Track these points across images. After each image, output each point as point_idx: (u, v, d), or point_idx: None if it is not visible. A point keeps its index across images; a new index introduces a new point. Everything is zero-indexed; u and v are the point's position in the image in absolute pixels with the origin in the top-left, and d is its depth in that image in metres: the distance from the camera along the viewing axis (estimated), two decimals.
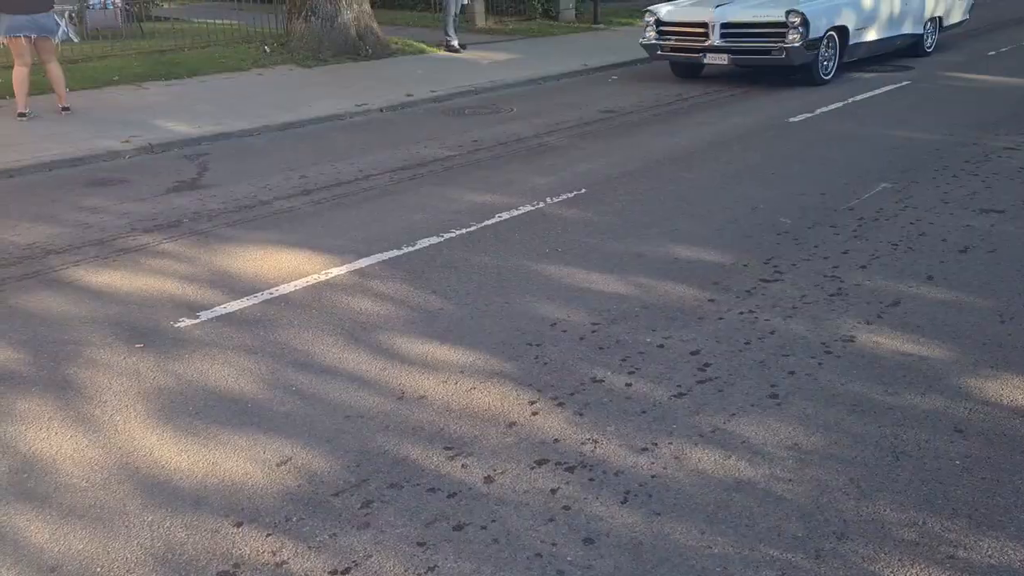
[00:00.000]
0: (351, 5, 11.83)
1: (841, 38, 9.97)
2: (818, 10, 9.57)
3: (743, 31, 9.68)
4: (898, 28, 10.95)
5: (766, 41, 9.54)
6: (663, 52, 10.29)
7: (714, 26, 9.71)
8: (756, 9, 9.77)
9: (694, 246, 4.95)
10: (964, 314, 3.98)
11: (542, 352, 3.74)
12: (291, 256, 4.90)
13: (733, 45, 9.70)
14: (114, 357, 3.75)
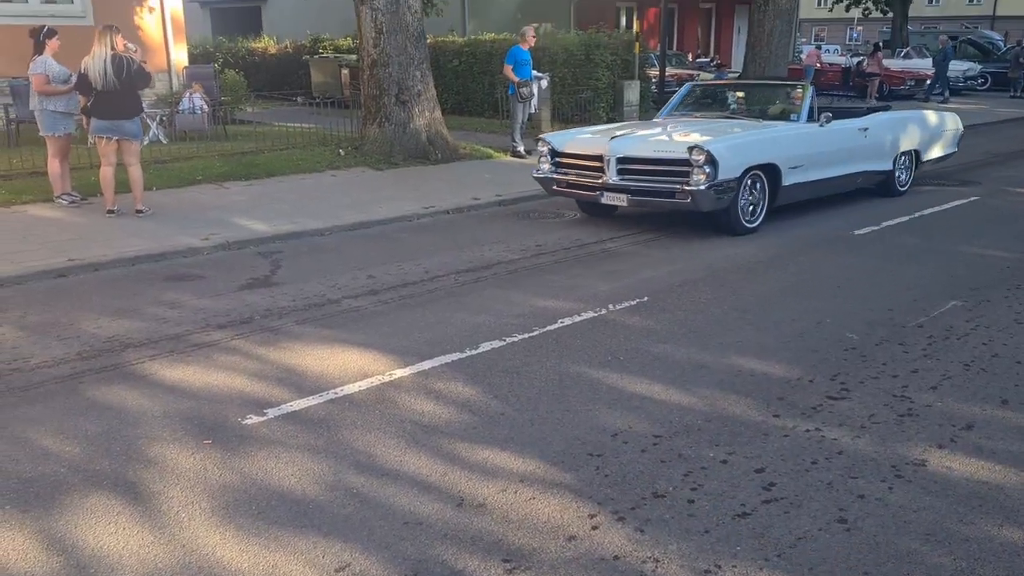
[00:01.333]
0: (423, 112, 12.32)
1: (770, 178, 8.18)
2: (732, 146, 7.88)
3: (643, 168, 7.97)
4: (856, 164, 9.20)
5: (668, 181, 7.78)
6: (559, 188, 8.69)
7: (610, 160, 8.04)
8: (659, 142, 8.25)
9: (758, 359, 4.91)
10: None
11: (603, 463, 3.71)
12: (357, 356, 5.00)
13: (632, 184, 7.96)
14: (183, 452, 3.84)
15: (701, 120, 9.28)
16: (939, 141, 10.61)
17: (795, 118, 8.76)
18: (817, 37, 58.42)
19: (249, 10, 28.58)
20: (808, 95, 8.94)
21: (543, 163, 8.80)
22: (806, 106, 8.79)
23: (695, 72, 22.57)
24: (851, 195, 10.04)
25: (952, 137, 10.89)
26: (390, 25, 11.83)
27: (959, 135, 10.99)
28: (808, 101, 8.85)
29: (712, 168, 7.54)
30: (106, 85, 8.11)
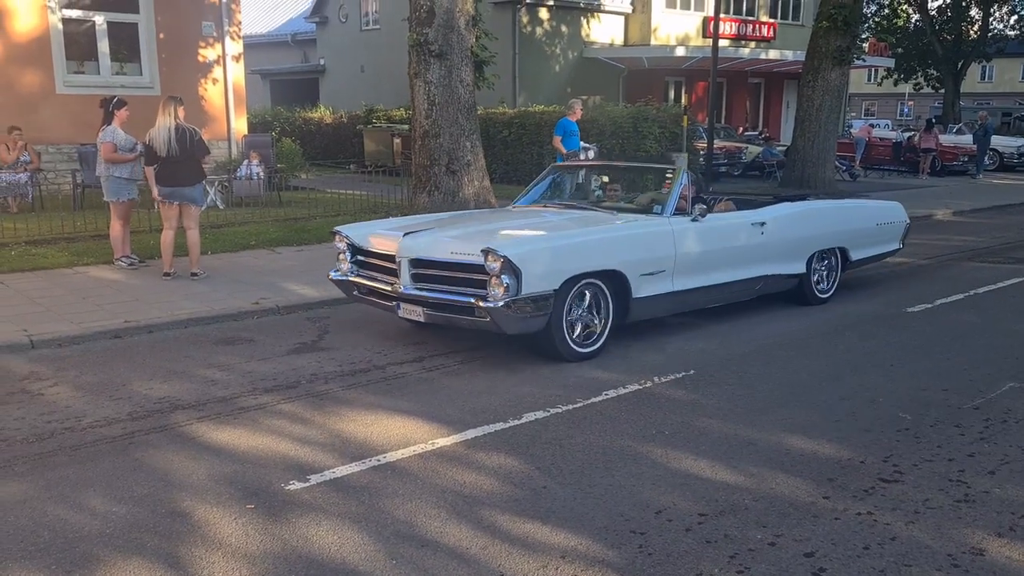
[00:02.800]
0: (472, 181, 12.54)
1: (616, 289, 6.44)
2: (541, 250, 6.07)
3: (439, 273, 6.24)
4: (752, 267, 7.45)
5: (466, 293, 6.02)
6: (360, 294, 6.88)
7: (402, 262, 6.32)
8: (457, 240, 6.33)
9: (808, 437, 4.80)
10: None
11: (646, 542, 3.64)
12: (400, 423, 5.01)
13: (428, 294, 6.21)
14: (226, 517, 3.86)
15: (546, 212, 7.49)
16: (875, 236, 8.83)
17: (659, 210, 6.97)
18: (867, 112, 58.46)
19: (307, 81, 29.62)
20: (679, 182, 7.07)
21: (341, 262, 6.98)
22: (673, 196, 6.98)
23: (743, 145, 22.66)
24: (904, 270, 9.89)
25: (893, 231, 9.07)
26: (442, 97, 12.15)
27: (904, 229, 9.19)
28: (677, 189, 7.02)
29: (513, 279, 5.78)
30: (170, 153, 8.44)
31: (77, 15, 14.30)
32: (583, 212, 7.33)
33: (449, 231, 6.69)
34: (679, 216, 6.94)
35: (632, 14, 25.01)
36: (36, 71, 13.88)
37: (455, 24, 12.03)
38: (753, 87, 29.12)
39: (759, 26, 27.17)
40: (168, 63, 14.93)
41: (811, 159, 18.41)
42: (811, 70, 18.28)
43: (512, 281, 5.80)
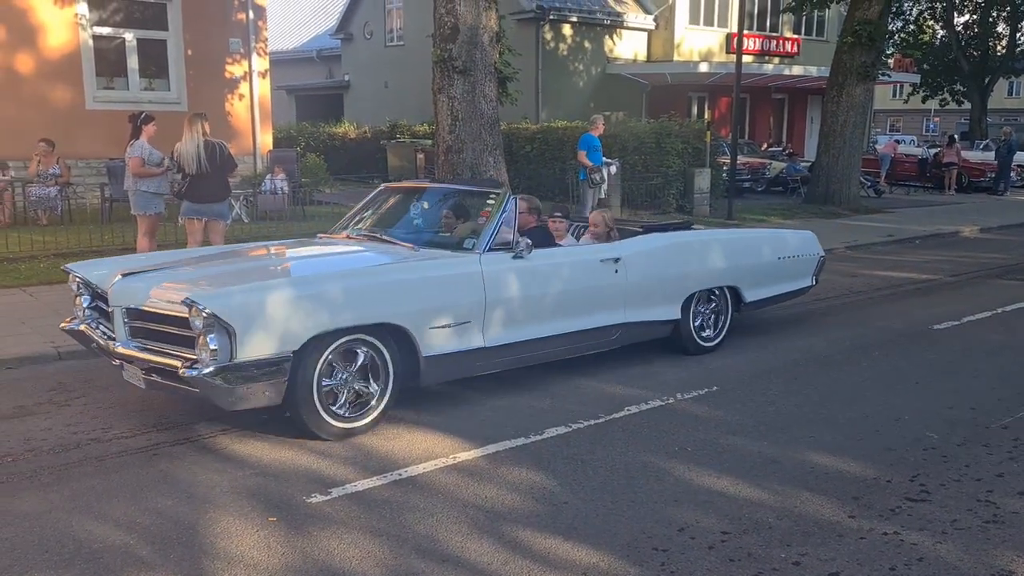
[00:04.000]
0: None
1: (399, 347, 5.14)
2: (269, 300, 4.72)
3: (154, 328, 4.96)
4: (605, 313, 6.21)
5: (177, 354, 4.76)
6: (98, 349, 5.43)
7: (115, 312, 5.13)
8: (174, 286, 5.04)
9: (832, 455, 4.75)
10: None
11: (668, 559, 3.61)
12: (422, 437, 5.02)
13: (142, 353, 4.95)
14: (248, 529, 3.88)
15: (339, 244, 6.21)
16: (776, 273, 7.52)
17: (470, 245, 5.66)
18: (892, 128, 58.05)
19: (332, 97, 29.89)
20: (501, 209, 5.76)
21: (77, 307, 5.66)
22: (490, 228, 5.67)
23: (767, 161, 22.56)
24: (930, 287, 9.76)
25: (802, 266, 7.76)
26: (466, 113, 12.21)
27: (817, 263, 7.88)
28: (497, 219, 5.71)
29: (224, 338, 4.50)
30: (200, 169, 8.52)
31: (107, 32, 14.55)
32: (380, 246, 5.99)
33: (182, 271, 5.45)
34: (498, 252, 5.61)
35: (655, 30, 25.05)
36: (67, 87, 14.13)
37: (479, 40, 12.10)
38: (777, 103, 29.01)
39: (783, 42, 27.10)
40: (195, 79, 15.14)
41: (836, 175, 18.30)
42: (835, 86, 18.21)
43: (223, 342, 4.48)
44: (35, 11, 13.71)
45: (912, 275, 10.82)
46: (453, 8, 11.92)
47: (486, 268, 5.51)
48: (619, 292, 6.29)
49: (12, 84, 13.68)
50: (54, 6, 13.79)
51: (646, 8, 24.94)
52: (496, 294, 5.52)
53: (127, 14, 14.69)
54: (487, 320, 5.49)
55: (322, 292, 4.93)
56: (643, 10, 24.93)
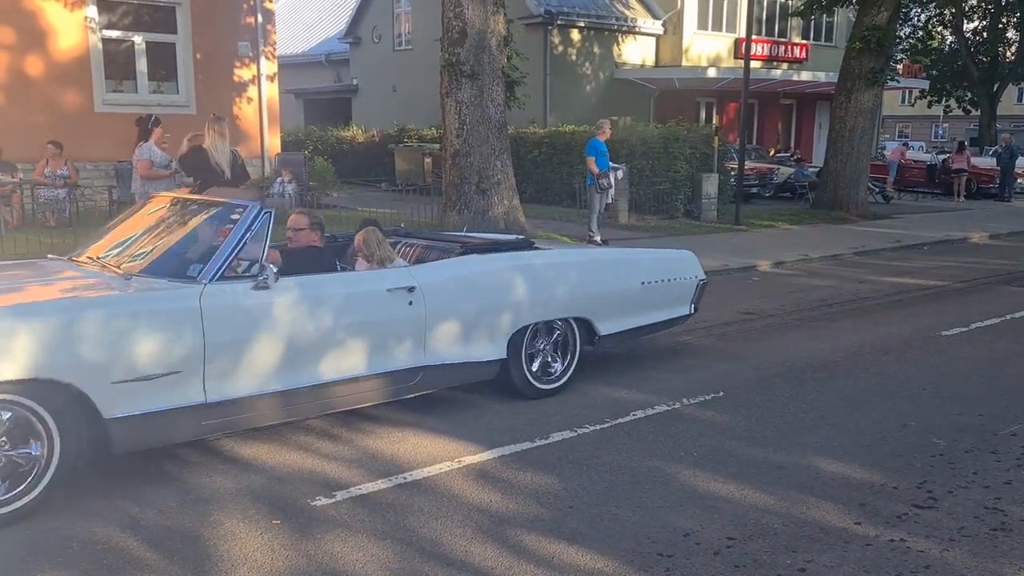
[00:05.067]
0: (502, 200, 12.59)
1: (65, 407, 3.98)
2: None
3: None
4: (393, 355, 5.08)
5: None
6: None
7: None
8: None
9: (839, 461, 4.73)
10: None
11: (673, 565, 3.60)
12: (428, 441, 5.01)
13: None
14: (252, 531, 3.87)
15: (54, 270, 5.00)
16: (641, 301, 6.38)
17: (195, 272, 4.49)
18: (901, 134, 57.89)
19: (340, 101, 29.96)
20: (243, 227, 4.62)
21: None
22: (224, 251, 4.54)
23: (774, 166, 22.52)
24: (939, 293, 9.71)
25: (676, 292, 6.68)
26: (473, 117, 12.23)
27: (696, 288, 6.81)
28: (235, 240, 4.58)
29: None
30: (224, 173, 8.53)
31: (117, 35, 14.60)
32: (90, 275, 4.78)
33: None
34: (233, 282, 4.49)
35: (664, 35, 25.05)
36: (76, 90, 14.18)
37: (487, 44, 12.12)
38: (785, 108, 28.97)
39: (791, 47, 27.06)
40: (204, 82, 15.18)
41: (844, 181, 18.27)
42: (844, 91, 18.18)
43: None
44: (44, 14, 13.77)
45: (920, 281, 10.78)
46: (461, 12, 11.95)
47: (209, 302, 4.32)
48: (414, 328, 5.11)
49: (21, 87, 13.74)
50: (64, 9, 13.84)
51: (654, 13, 24.95)
52: (223, 335, 4.34)
53: (136, 17, 14.75)
54: (209, 369, 4.30)
55: None
56: (651, 15, 24.93)
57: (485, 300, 5.50)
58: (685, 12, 24.57)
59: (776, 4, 26.07)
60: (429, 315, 5.18)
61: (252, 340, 4.49)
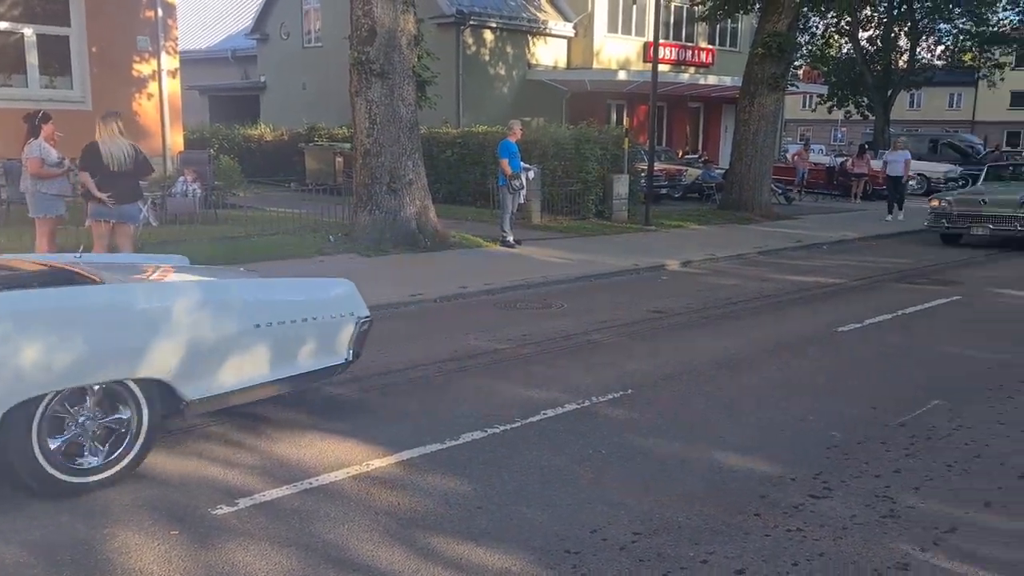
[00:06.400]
0: (414, 201, 12.49)
1: None
2: None
3: None
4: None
5: None
6: None
7: None
8: None
9: (740, 455, 4.86)
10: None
11: (580, 561, 3.63)
12: (334, 445, 4.93)
13: None
14: (148, 543, 3.73)
15: None
16: (262, 349, 4.84)
17: None
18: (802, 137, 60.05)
19: (247, 98, 29.24)
20: None
21: None
22: None
23: (683, 168, 23.05)
24: (836, 291, 10.10)
25: (316, 335, 5.13)
26: (384, 116, 12.11)
27: (355, 329, 5.32)
28: None
29: None
30: (120, 168, 8.22)
31: (5, 26, 13.90)
32: None
33: None
34: None
35: (575, 38, 25.33)
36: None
37: (397, 43, 12.02)
38: (693, 111, 29.68)
39: (698, 52, 27.75)
40: (101, 77, 14.58)
41: (748, 182, 18.83)
42: (747, 95, 18.74)
43: None
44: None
45: (819, 279, 11.20)
46: (370, 10, 11.82)
47: None
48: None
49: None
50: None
51: (566, 15, 25.21)
52: None
53: (27, 8, 14.06)
54: None
55: None
56: (563, 17, 25.18)
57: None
58: (595, 15, 24.91)
59: (683, 9, 26.69)
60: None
61: None
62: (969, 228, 14.52)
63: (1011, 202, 14.20)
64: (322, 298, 5.34)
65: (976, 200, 14.66)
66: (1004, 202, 14.29)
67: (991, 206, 14.31)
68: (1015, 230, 14.09)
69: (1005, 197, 14.45)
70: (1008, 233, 14.20)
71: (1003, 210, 14.15)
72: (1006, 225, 14.13)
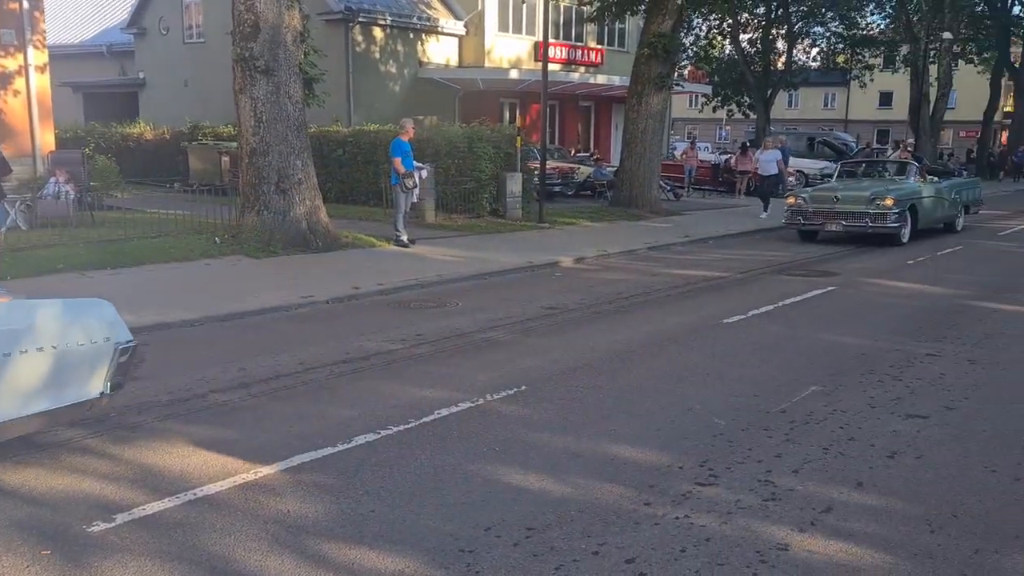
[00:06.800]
0: (304, 201, 12.23)
1: None
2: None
3: None
4: None
5: None
6: None
7: None
8: None
9: (631, 446, 4.96)
10: (894, 522, 4.00)
11: (475, 560, 3.62)
12: (220, 453, 4.76)
13: None
14: (16, 564, 3.52)
15: None
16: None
17: None
18: (689, 135, 61.90)
19: (126, 95, 27.95)
20: None
21: None
22: None
23: (575, 166, 23.39)
24: (722, 284, 10.45)
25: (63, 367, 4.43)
26: (270, 114, 11.81)
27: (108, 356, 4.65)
28: None
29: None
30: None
31: None
32: None
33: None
34: None
35: (466, 36, 25.32)
36: None
37: (282, 39, 11.73)
38: (584, 110, 30.14)
39: (588, 51, 28.20)
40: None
41: (638, 179, 19.26)
42: (635, 94, 19.16)
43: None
44: None
45: (706, 273, 11.56)
46: (253, 5, 11.51)
47: None
48: None
49: None
50: None
51: (456, 14, 25.17)
52: None
53: None
54: None
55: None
56: (454, 16, 25.14)
57: None
58: (486, 14, 24.97)
59: (572, 10, 27.06)
60: None
61: None
62: (824, 225, 14.83)
63: (862, 199, 14.54)
64: (68, 323, 4.52)
65: (830, 197, 14.94)
66: (856, 199, 14.64)
67: (844, 203, 14.60)
68: (866, 226, 14.39)
69: (857, 194, 14.81)
70: (860, 229, 14.50)
71: (855, 207, 14.47)
72: (858, 221, 14.42)
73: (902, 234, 14.65)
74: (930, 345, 7.48)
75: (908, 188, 15.39)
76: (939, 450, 4.93)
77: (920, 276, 11.51)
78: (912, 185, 15.67)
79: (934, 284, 10.86)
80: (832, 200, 14.81)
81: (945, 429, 5.29)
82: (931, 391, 6.09)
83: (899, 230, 14.54)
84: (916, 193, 15.40)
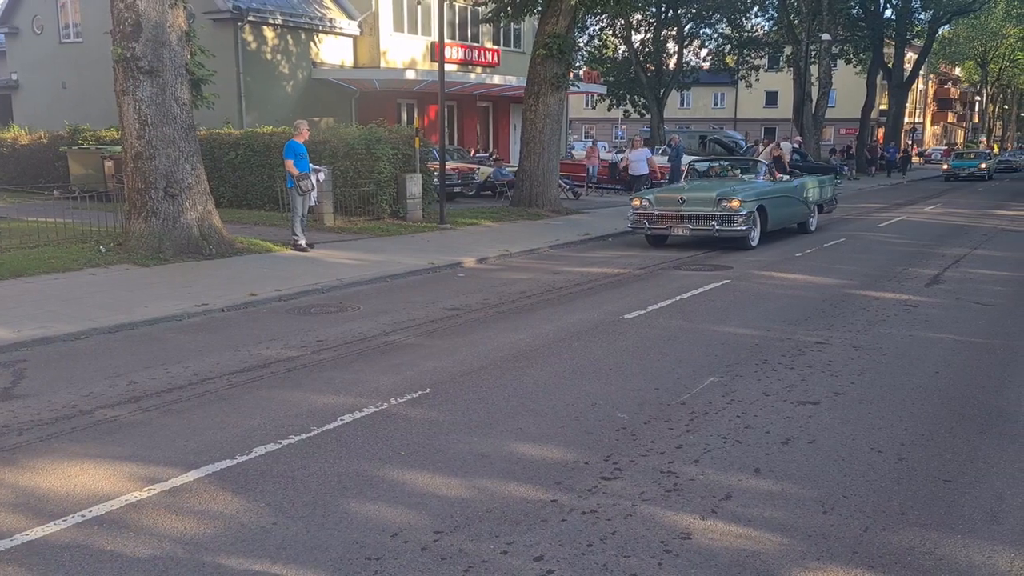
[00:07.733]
0: (195, 206, 11.81)
1: None
2: None
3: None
4: None
5: None
6: None
7: None
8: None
9: (537, 444, 4.98)
10: (790, 506, 4.14)
11: (382, 567, 3.56)
12: (110, 472, 4.54)
13: None
14: None
15: None
16: None
17: None
18: (588, 135, 62.88)
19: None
20: None
21: None
22: None
23: (475, 166, 23.40)
24: (622, 280, 10.62)
25: None
26: (156, 116, 11.35)
27: None
28: None
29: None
30: None
31: None
32: None
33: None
34: None
35: (360, 36, 25.00)
36: None
37: (166, 39, 11.30)
38: (482, 110, 30.20)
39: (484, 52, 28.27)
40: None
41: (537, 179, 19.41)
42: (532, 95, 19.31)
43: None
44: None
45: (606, 270, 11.74)
46: (134, 3, 11.06)
47: None
48: None
49: None
50: None
51: (350, 14, 24.82)
52: None
53: None
54: None
55: None
56: (347, 15, 24.78)
57: None
58: (380, 14, 24.72)
59: (468, 10, 27.07)
60: None
61: None
62: (670, 229, 13.61)
63: (709, 200, 13.32)
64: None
65: (675, 199, 13.69)
66: (702, 200, 13.41)
67: (690, 204, 13.41)
68: (712, 229, 13.21)
69: (704, 195, 13.57)
70: (706, 233, 13.35)
71: (702, 208, 13.29)
72: (704, 225, 13.24)
73: (751, 237, 13.58)
74: (819, 334, 7.80)
75: (757, 188, 14.31)
76: (829, 434, 5.14)
77: (808, 267, 11.99)
78: (761, 185, 14.62)
79: (821, 275, 11.33)
80: (678, 202, 13.59)
81: (834, 414, 5.51)
82: (820, 378, 6.35)
83: (748, 233, 13.41)
84: (765, 193, 14.27)
